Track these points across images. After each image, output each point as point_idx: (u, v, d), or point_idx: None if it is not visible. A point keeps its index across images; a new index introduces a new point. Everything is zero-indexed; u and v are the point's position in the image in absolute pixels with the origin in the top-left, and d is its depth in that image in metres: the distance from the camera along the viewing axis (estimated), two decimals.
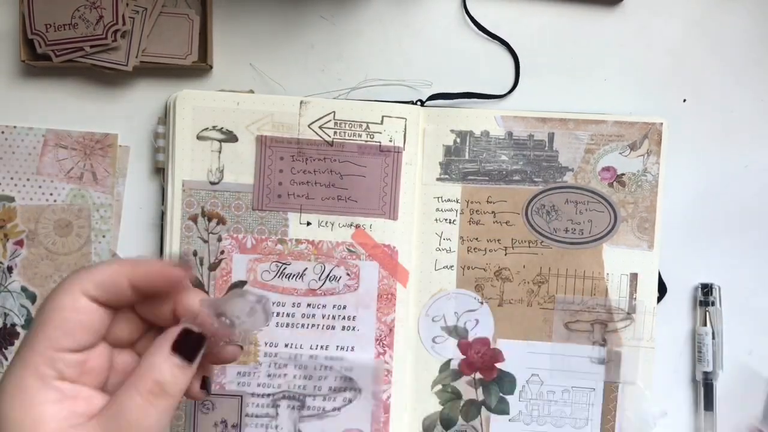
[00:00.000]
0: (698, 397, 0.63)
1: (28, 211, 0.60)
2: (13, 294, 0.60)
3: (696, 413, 0.63)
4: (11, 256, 0.60)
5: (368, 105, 0.60)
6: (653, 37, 0.62)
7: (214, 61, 0.61)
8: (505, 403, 0.62)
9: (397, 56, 0.62)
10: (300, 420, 0.61)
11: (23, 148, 0.60)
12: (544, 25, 0.62)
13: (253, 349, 0.60)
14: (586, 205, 0.61)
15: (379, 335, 0.60)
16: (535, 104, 0.62)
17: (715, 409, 0.62)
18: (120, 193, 0.61)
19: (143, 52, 0.59)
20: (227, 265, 0.60)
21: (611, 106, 0.62)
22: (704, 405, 0.62)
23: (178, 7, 0.60)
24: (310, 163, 0.60)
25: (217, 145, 0.60)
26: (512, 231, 0.61)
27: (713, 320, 0.62)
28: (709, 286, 0.62)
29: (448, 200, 0.61)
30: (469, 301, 0.61)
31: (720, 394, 0.62)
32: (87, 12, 0.58)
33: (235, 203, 0.60)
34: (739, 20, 0.62)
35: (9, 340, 0.61)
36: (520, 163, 0.61)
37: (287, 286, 0.60)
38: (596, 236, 0.61)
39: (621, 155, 0.61)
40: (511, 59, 0.62)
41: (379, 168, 0.60)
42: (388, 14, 0.62)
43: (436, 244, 0.61)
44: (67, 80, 0.61)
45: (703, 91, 0.62)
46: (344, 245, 0.60)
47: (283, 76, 0.62)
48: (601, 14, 0.62)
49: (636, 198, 0.61)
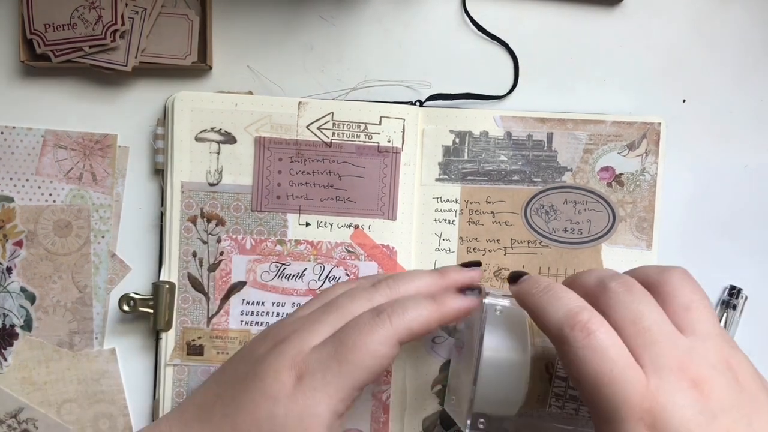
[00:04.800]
0: None
1: (28, 212, 0.60)
2: (12, 294, 0.60)
3: None
4: (10, 256, 0.60)
5: (366, 106, 0.60)
6: (653, 37, 0.62)
7: (213, 62, 0.61)
8: None
9: (396, 57, 0.62)
10: None
11: (22, 148, 0.60)
12: (543, 25, 0.62)
13: None
14: (585, 205, 0.61)
15: None
16: (534, 105, 0.62)
17: None
18: (119, 193, 0.61)
19: (142, 52, 0.59)
20: (227, 266, 0.60)
21: (611, 107, 0.62)
22: None
23: (178, 8, 0.60)
24: (308, 164, 0.60)
25: (216, 147, 0.60)
26: (511, 231, 0.61)
27: (728, 324, 0.62)
28: (737, 290, 0.63)
29: (447, 200, 0.61)
30: None
31: None
32: (86, 12, 0.58)
33: (234, 204, 0.60)
34: (738, 20, 0.62)
35: (8, 340, 0.60)
36: (519, 163, 0.61)
37: (287, 287, 0.60)
38: (595, 236, 0.61)
39: (619, 155, 0.61)
40: (511, 59, 0.62)
41: (378, 169, 0.60)
42: (387, 14, 0.62)
43: (436, 245, 0.61)
44: (66, 80, 0.61)
45: (703, 91, 0.63)
46: (343, 246, 0.61)
47: (282, 77, 0.62)
48: (601, 14, 0.62)
49: (634, 198, 0.61)
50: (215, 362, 0.60)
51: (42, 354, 0.60)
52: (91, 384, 0.61)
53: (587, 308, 0.44)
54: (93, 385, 0.61)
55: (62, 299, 0.60)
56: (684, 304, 0.44)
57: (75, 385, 0.61)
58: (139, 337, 0.61)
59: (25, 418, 0.60)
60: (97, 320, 0.61)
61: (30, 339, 0.60)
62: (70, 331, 0.61)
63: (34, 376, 0.60)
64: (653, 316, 0.43)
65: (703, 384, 0.41)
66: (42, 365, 0.60)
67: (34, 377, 0.60)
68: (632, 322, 0.43)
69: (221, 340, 0.60)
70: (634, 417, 0.40)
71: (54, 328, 0.60)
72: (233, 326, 0.60)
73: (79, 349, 0.61)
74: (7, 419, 0.60)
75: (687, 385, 0.41)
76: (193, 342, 0.60)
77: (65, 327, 0.61)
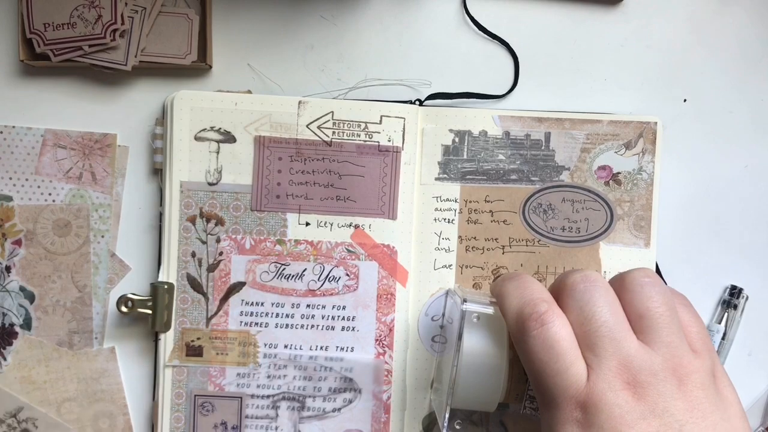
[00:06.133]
0: None
1: (27, 211, 0.60)
2: (12, 294, 0.60)
3: None
4: (9, 255, 0.60)
5: (367, 105, 0.60)
6: (653, 37, 0.63)
7: (213, 61, 0.61)
8: None
9: (396, 56, 0.62)
10: (300, 421, 0.61)
11: (22, 147, 0.60)
12: (543, 25, 0.62)
13: (252, 350, 0.60)
14: (583, 204, 0.62)
15: (379, 335, 0.61)
16: (534, 104, 0.62)
17: None
18: (119, 193, 0.61)
19: (142, 51, 0.59)
20: (226, 267, 0.60)
21: (611, 106, 0.62)
22: None
23: (178, 7, 0.60)
24: (308, 164, 0.60)
25: (215, 146, 0.60)
26: (510, 230, 0.62)
27: (729, 323, 0.62)
28: (738, 290, 0.63)
29: (446, 200, 0.61)
30: None
31: None
32: (86, 11, 0.58)
33: (234, 204, 0.60)
34: (738, 21, 0.63)
35: (7, 340, 0.60)
36: (517, 162, 0.61)
37: (286, 287, 0.60)
38: (593, 234, 0.62)
39: (616, 154, 0.61)
40: (511, 59, 0.62)
41: (378, 168, 0.60)
42: (387, 14, 0.62)
43: (435, 244, 0.61)
44: (65, 80, 0.61)
45: (703, 91, 0.63)
46: (343, 245, 0.61)
47: (282, 76, 0.62)
48: (601, 14, 0.62)
49: (632, 196, 0.61)
50: (214, 363, 0.60)
51: (41, 353, 0.60)
52: (91, 383, 0.61)
53: (547, 301, 0.47)
54: (93, 384, 0.61)
55: (62, 299, 0.60)
56: (640, 310, 0.46)
57: (75, 384, 0.60)
58: (139, 337, 0.61)
59: (25, 417, 0.60)
60: (96, 320, 0.61)
61: (29, 338, 0.60)
62: (69, 330, 0.60)
63: (34, 376, 0.60)
64: (606, 315, 0.45)
65: (638, 386, 0.43)
66: (41, 364, 0.60)
67: (33, 376, 0.60)
68: (586, 319, 0.45)
69: (220, 341, 0.60)
70: (569, 408, 0.43)
71: (53, 327, 0.60)
72: (232, 327, 0.60)
73: (79, 349, 0.60)
74: (6, 419, 0.60)
75: (621, 385, 0.43)
76: (192, 343, 0.60)
77: (65, 327, 0.60)
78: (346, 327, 0.61)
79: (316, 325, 0.60)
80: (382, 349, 0.61)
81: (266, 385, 0.60)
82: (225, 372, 0.60)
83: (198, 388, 0.60)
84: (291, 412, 0.61)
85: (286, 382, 0.60)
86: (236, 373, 0.60)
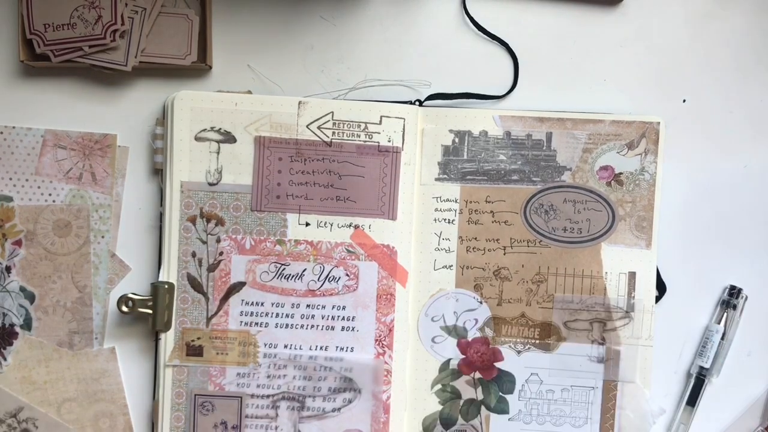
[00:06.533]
0: (685, 390, 0.63)
1: (27, 211, 0.60)
2: (12, 294, 0.60)
3: (677, 406, 0.63)
4: (10, 256, 0.60)
5: (366, 105, 0.60)
6: (653, 37, 0.62)
7: (213, 62, 0.61)
8: (505, 403, 0.62)
9: (396, 56, 0.62)
10: (300, 421, 0.61)
11: (22, 148, 0.60)
12: (543, 25, 0.62)
13: (252, 350, 0.60)
14: (584, 205, 0.61)
15: (379, 335, 0.61)
16: (534, 104, 0.62)
17: (697, 407, 0.62)
18: (119, 193, 0.61)
19: (142, 52, 0.59)
20: (226, 266, 0.60)
21: (611, 106, 0.62)
22: (688, 399, 0.62)
23: (178, 7, 0.60)
24: (308, 164, 0.60)
25: (216, 146, 0.60)
26: (511, 230, 0.61)
27: (728, 323, 0.62)
28: (737, 290, 0.63)
29: (446, 200, 0.61)
30: (469, 300, 0.61)
31: (719, 395, 0.63)
32: (86, 12, 0.58)
33: (234, 204, 0.60)
34: (738, 21, 0.62)
35: (8, 340, 0.60)
36: (518, 162, 0.61)
37: (286, 287, 0.60)
38: (594, 235, 0.61)
39: (618, 154, 0.61)
40: (510, 59, 0.62)
41: (378, 168, 0.60)
42: (387, 14, 0.62)
43: (435, 244, 0.61)
44: (66, 80, 0.61)
45: (703, 92, 0.63)
46: (343, 246, 0.60)
47: (282, 76, 0.62)
48: (600, 14, 0.62)
49: (634, 197, 0.61)
50: (214, 363, 0.60)
51: (42, 353, 0.60)
52: (91, 383, 0.61)
53: None
54: (93, 384, 0.61)
55: (62, 299, 0.60)
56: None
57: (75, 384, 0.61)
58: (139, 337, 0.61)
59: (25, 417, 0.60)
60: (96, 320, 0.61)
61: (30, 338, 0.60)
62: (69, 331, 0.61)
63: (34, 376, 0.60)
64: None
65: None
66: (42, 365, 0.60)
67: (33, 377, 0.60)
68: None
69: (221, 340, 0.60)
70: None
71: (54, 327, 0.60)
72: (232, 327, 0.60)
73: (79, 349, 0.61)
74: (7, 419, 0.60)
75: None
76: (192, 342, 0.60)
77: (65, 327, 0.61)
78: (345, 327, 0.61)
79: (315, 325, 0.60)
80: (381, 349, 0.61)
81: (266, 384, 0.60)
82: (225, 372, 0.60)
83: (198, 387, 0.60)
84: (291, 412, 0.61)
85: (286, 381, 0.60)
86: (236, 372, 0.60)
